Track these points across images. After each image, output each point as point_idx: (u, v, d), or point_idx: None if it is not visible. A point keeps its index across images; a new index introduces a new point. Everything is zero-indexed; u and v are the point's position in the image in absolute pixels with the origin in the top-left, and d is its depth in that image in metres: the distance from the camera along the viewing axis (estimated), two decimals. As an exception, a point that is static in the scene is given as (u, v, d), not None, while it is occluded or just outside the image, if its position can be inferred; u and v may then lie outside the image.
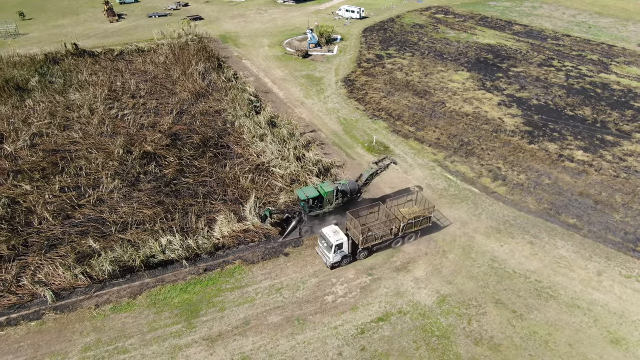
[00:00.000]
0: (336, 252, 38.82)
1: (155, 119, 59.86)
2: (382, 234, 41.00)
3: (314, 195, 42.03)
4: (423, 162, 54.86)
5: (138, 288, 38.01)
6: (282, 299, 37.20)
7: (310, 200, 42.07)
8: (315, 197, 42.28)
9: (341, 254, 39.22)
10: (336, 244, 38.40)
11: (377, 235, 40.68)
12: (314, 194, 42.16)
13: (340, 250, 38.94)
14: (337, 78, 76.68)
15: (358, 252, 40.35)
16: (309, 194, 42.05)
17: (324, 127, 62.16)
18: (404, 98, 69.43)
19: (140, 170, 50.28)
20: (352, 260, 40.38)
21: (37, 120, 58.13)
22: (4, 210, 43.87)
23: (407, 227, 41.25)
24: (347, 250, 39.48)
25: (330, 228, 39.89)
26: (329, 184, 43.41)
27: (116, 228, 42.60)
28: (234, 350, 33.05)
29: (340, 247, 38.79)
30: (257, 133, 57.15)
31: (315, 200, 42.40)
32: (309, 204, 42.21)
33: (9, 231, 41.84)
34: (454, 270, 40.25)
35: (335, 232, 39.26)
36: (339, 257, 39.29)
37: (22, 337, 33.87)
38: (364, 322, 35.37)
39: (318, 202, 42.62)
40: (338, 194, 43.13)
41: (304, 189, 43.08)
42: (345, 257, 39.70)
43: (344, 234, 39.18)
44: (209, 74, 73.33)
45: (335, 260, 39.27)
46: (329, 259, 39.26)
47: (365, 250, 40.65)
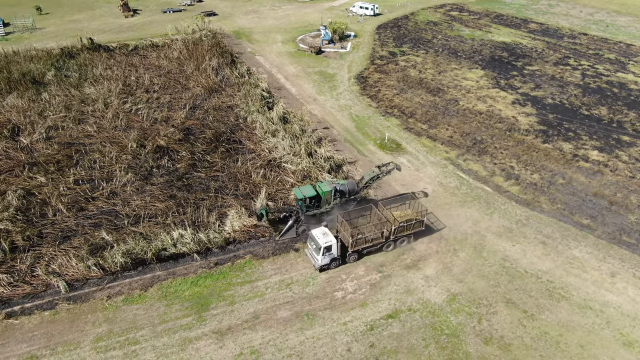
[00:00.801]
0: (325, 255, 37.92)
1: (169, 114, 60.33)
2: (373, 237, 39.88)
3: (311, 195, 41.64)
4: (435, 160, 54.62)
5: (149, 280, 38.43)
6: (291, 294, 37.35)
7: (307, 200, 41.63)
8: (313, 197, 41.86)
9: (330, 256, 38.30)
10: (325, 246, 37.54)
11: (368, 238, 39.58)
12: (311, 193, 41.78)
13: (329, 253, 38.05)
14: (350, 75, 76.55)
15: (347, 255, 39.45)
16: (307, 193, 41.67)
17: (336, 123, 62.14)
18: (417, 95, 69.12)
19: (153, 164, 50.75)
20: (341, 264, 39.48)
21: (52, 114, 58.92)
22: (19, 201, 44.57)
23: (399, 230, 40.27)
24: (337, 253, 38.52)
25: (319, 230, 39.15)
26: (327, 184, 43.01)
27: (129, 221, 43.08)
28: (243, 344, 33.28)
29: (329, 250, 37.89)
30: (269, 129, 57.34)
31: (312, 199, 42.01)
32: (306, 204, 41.78)
33: (24, 222, 42.52)
34: (465, 269, 40.07)
35: (325, 234, 38.46)
36: (327, 260, 38.38)
37: (35, 326, 34.46)
38: (373, 319, 35.39)
39: (316, 201, 42.23)
40: (336, 194, 42.70)
41: (301, 188, 42.74)
42: (334, 260, 38.73)
43: (333, 237, 38.32)
44: (222, 69, 73.67)
45: (324, 263, 38.40)
46: (317, 261, 38.45)
47: (355, 254, 39.70)
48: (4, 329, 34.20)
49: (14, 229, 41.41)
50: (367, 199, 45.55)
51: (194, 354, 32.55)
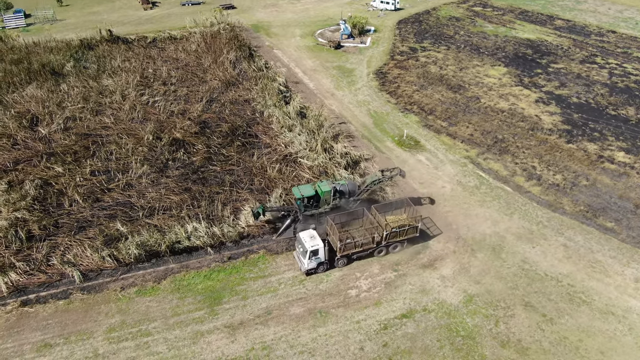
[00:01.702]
0: (311, 259, 37.41)
1: (185, 107, 60.79)
2: (364, 242, 39.08)
3: (309, 194, 41.32)
4: (455, 159, 54.10)
5: (163, 273, 38.84)
6: (305, 291, 37.40)
7: (305, 199, 41.31)
8: (311, 196, 41.52)
9: (317, 260, 37.72)
10: (311, 250, 37.02)
11: (358, 242, 38.86)
12: (310, 192, 41.47)
13: (316, 257, 37.50)
14: (369, 70, 76.19)
15: (336, 259, 38.85)
16: (305, 193, 41.35)
17: (354, 119, 61.93)
18: (437, 92, 68.50)
19: (169, 156, 51.21)
20: (329, 268, 38.85)
21: (71, 105, 59.83)
22: (37, 191, 45.40)
23: (391, 236, 39.43)
24: (324, 257, 37.92)
25: (307, 232, 38.66)
26: (327, 183, 42.67)
27: (143, 213, 43.58)
28: (255, 339, 33.44)
29: (316, 254, 37.33)
30: (286, 123, 57.39)
31: (311, 199, 41.68)
32: (304, 203, 41.48)
33: (41, 212, 43.30)
34: (483, 270, 39.65)
35: (312, 237, 37.89)
36: (314, 264, 37.83)
37: (50, 315, 35.11)
38: (387, 318, 35.26)
39: (314, 201, 41.92)
40: (336, 194, 42.29)
41: (300, 187, 42.44)
42: (321, 264, 38.21)
43: (320, 240, 37.70)
44: (240, 63, 73.96)
45: (311, 266, 37.82)
46: (303, 264, 37.93)
47: (343, 258, 39.03)
48: (20, 316, 34.94)
49: (30, 218, 42.21)
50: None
51: (205, 348, 32.82)
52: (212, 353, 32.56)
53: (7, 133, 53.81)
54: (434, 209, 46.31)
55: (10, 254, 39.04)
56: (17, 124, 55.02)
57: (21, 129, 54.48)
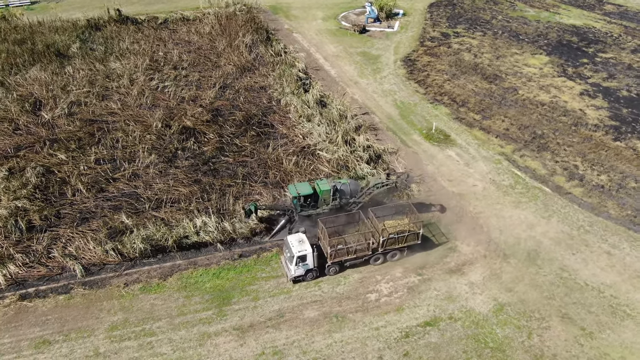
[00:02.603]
0: (298, 265, 37.05)
1: (197, 93, 61.37)
2: (357, 248, 38.52)
3: (306, 193, 41.07)
4: (488, 155, 53.68)
5: (169, 269, 39.44)
6: (320, 293, 37.61)
7: (302, 198, 41.10)
8: (308, 195, 41.29)
9: (304, 267, 37.35)
10: (298, 255, 36.66)
11: (351, 249, 38.58)
12: (307, 191, 41.22)
13: (304, 263, 37.12)
14: (397, 57, 75.90)
15: (327, 266, 38.49)
16: (302, 191, 41.08)
17: (378, 110, 61.84)
18: (470, 82, 67.96)
19: (178, 145, 51.84)
20: (318, 276, 38.52)
21: (76, 89, 60.91)
22: (38, 179, 46.42)
23: (388, 242, 38.90)
24: (313, 263, 37.50)
25: (295, 236, 38.35)
26: (327, 182, 42.37)
27: (150, 205, 44.25)
28: (265, 343, 33.77)
29: (304, 260, 36.94)
30: (304, 113, 57.58)
31: (308, 198, 41.45)
32: (300, 202, 41.27)
33: (42, 201, 44.30)
34: (516, 277, 39.33)
35: (300, 242, 37.49)
36: (302, 271, 37.46)
37: (49, 310, 35.99)
38: (409, 326, 35.26)
39: (312, 201, 41.73)
40: (336, 193, 41.96)
41: (297, 184, 42.26)
42: (309, 271, 37.84)
43: (309, 245, 37.30)
44: (257, 47, 74.33)
45: (298, 274, 37.46)
46: (290, 271, 37.66)
47: (335, 266, 38.61)
48: (18, 310, 35.90)
49: (31, 207, 43.20)
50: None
51: (213, 351, 33.28)
52: (219, 356, 32.99)
53: (9, 117, 55.05)
54: (463, 209, 46.07)
55: (9, 245, 40.00)
56: (19, 107, 56.24)
57: (23, 113, 55.66)
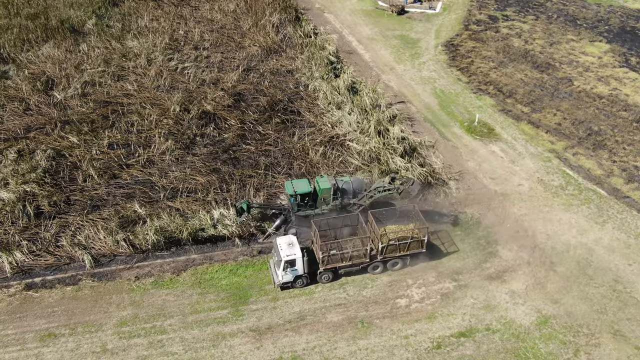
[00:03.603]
0: (286, 270, 36.76)
1: (219, 75, 61.95)
2: (353, 255, 38.13)
3: (304, 191, 40.87)
4: (536, 152, 52.94)
5: (183, 264, 40.11)
6: (345, 296, 37.74)
7: (299, 197, 40.91)
8: (306, 194, 41.09)
9: (293, 272, 37.03)
10: (286, 260, 36.39)
11: (346, 255, 38.09)
12: (305, 189, 41.01)
13: (292, 269, 36.81)
14: (438, 41, 75.31)
15: (318, 273, 38.15)
16: (299, 189, 40.88)
17: (416, 99, 61.51)
18: (519, 71, 67.04)
19: (197, 131, 52.49)
20: (309, 283, 38.22)
21: (90, 68, 62.16)
22: (48, 163, 47.64)
23: (388, 249, 38.28)
24: (303, 269, 37.16)
25: (285, 238, 38.11)
26: (328, 179, 41.96)
27: (165, 194, 44.99)
28: (284, 348, 34.08)
29: (293, 265, 36.63)
30: (334, 100, 57.63)
31: (306, 197, 41.26)
32: (297, 201, 41.07)
33: (52, 186, 45.46)
34: (563, 288, 38.85)
35: (290, 245, 37.18)
36: (290, 277, 37.21)
37: (56, 301, 37.00)
38: (441, 336, 35.13)
39: (310, 200, 41.53)
40: (337, 192, 41.66)
41: (294, 181, 42.08)
42: (299, 277, 37.55)
43: (299, 248, 37.00)
44: (285, 27, 74.60)
45: (286, 280, 37.23)
46: (277, 276, 37.43)
47: (329, 273, 38.27)
48: (23, 300, 37.02)
49: (40, 192, 44.37)
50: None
51: (227, 352, 33.75)
52: (233, 359, 33.46)
53: (20, 96, 56.55)
54: (506, 210, 45.66)
55: (16, 231, 41.20)
56: (30, 86, 57.70)
57: (35, 92, 57.07)
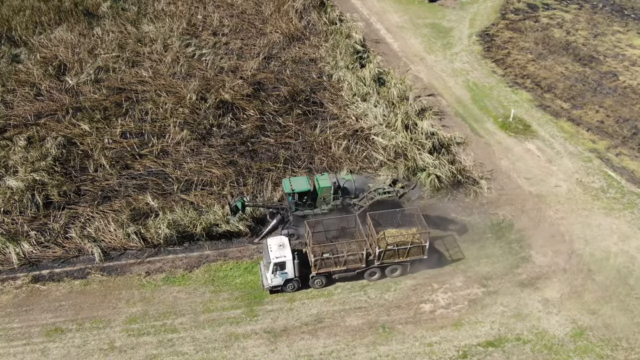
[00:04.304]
0: (276, 273, 36.70)
1: (238, 63, 62.32)
2: (348, 259, 37.78)
3: (302, 190, 40.63)
4: (576, 151, 52.31)
5: (196, 260, 40.54)
6: (366, 299, 37.81)
7: (296, 196, 40.71)
8: (305, 192, 40.86)
9: (283, 276, 36.98)
10: (275, 262, 36.34)
11: (340, 259, 37.67)
12: (303, 187, 40.76)
13: (282, 272, 36.77)
14: (472, 31, 74.74)
15: (310, 277, 37.99)
16: (297, 187, 40.62)
17: (446, 91, 61.19)
18: (560, 64, 66.22)
19: (214, 121, 52.92)
20: (300, 287, 38.05)
21: (104, 53, 63.04)
22: (58, 151, 48.48)
23: (386, 255, 37.82)
24: (293, 273, 37.07)
25: (276, 239, 38.04)
26: (328, 178, 41.71)
27: (179, 187, 45.50)
28: (299, 351, 34.28)
29: (282, 268, 36.59)
30: (359, 91, 57.59)
31: (304, 196, 41.05)
32: (295, 200, 40.90)
33: (62, 175, 46.27)
34: (601, 297, 38.39)
35: (281, 247, 37.09)
36: (280, 280, 37.15)
37: (64, 295, 37.72)
38: (468, 344, 35.00)
39: (309, 199, 41.32)
40: (338, 192, 41.38)
41: (292, 179, 41.86)
42: (289, 281, 37.45)
43: (290, 251, 36.86)
44: (309, 13, 74.71)
45: (275, 283, 37.18)
46: (266, 279, 37.41)
47: (321, 277, 38.04)
48: (30, 293, 37.82)
49: (50, 181, 45.21)
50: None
51: (240, 354, 34.07)
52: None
53: (31, 81, 57.62)
54: (542, 213, 45.24)
55: (24, 221, 42.07)
56: (42, 71, 58.75)
57: (46, 77, 58.11)
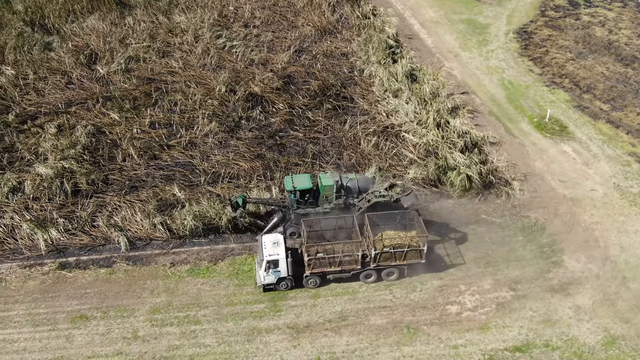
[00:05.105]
0: (269, 271, 36.80)
1: (268, 56, 62.91)
2: (343, 260, 37.67)
3: (304, 187, 40.50)
4: (614, 154, 51.58)
5: (221, 253, 41.14)
6: (391, 298, 37.93)
7: (298, 193, 40.63)
8: (306, 190, 40.77)
9: (276, 274, 37.10)
10: (268, 260, 36.52)
11: (335, 259, 37.55)
12: (305, 185, 40.61)
13: (275, 270, 36.86)
14: (509, 28, 74.11)
15: (304, 277, 38.00)
16: (298, 185, 40.50)
17: (481, 90, 60.84)
18: (600, 64, 65.26)
19: (243, 114, 53.53)
20: (293, 286, 38.10)
21: (135, 42, 64.19)
22: (88, 139, 49.61)
23: (383, 257, 37.52)
24: (286, 271, 37.27)
25: (272, 237, 38.05)
26: (331, 176, 41.52)
27: (206, 179, 46.19)
28: (322, 348, 34.56)
29: (275, 266, 36.68)
30: (390, 87, 57.61)
31: (306, 194, 40.95)
32: (296, 198, 40.86)
33: (90, 163, 47.35)
34: (636, 306, 37.82)
35: (275, 244, 37.12)
36: (272, 278, 37.31)
37: (89, 283, 38.67)
38: (494, 348, 34.85)
39: (311, 197, 41.25)
40: (340, 191, 41.20)
41: (295, 176, 41.80)
42: (282, 279, 37.53)
43: (284, 249, 37.06)
44: (341, 6, 74.94)
45: (268, 281, 37.43)
46: (259, 277, 37.60)
47: (316, 277, 38.07)
48: (56, 280, 38.86)
49: (78, 169, 46.31)
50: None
51: (262, 349, 34.50)
52: (268, 356, 34.15)
53: (62, 69, 59.01)
54: (576, 217, 44.72)
55: (53, 208, 43.19)
56: (73, 59, 60.08)
57: (77, 65, 59.43)
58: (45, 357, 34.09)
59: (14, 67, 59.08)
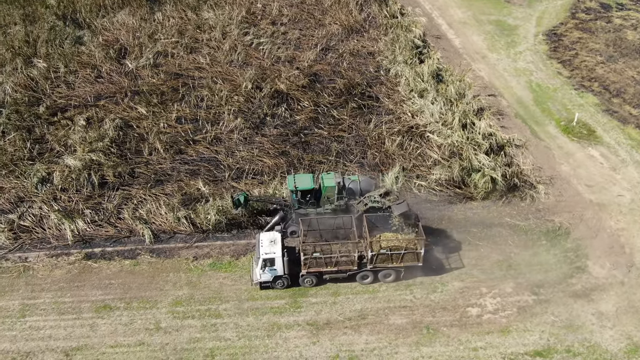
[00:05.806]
0: (265, 269, 36.90)
1: (295, 53, 63.22)
2: (339, 261, 37.57)
3: (305, 187, 40.45)
4: (643, 160, 51.04)
5: (243, 248, 41.59)
6: (411, 298, 37.98)
7: (299, 193, 40.58)
8: (308, 190, 40.69)
9: (272, 272, 37.40)
10: (264, 258, 36.68)
11: (331, 259, 37.51)
12: (307, 185, 40.56)
13: (271, 268, 36.94)
14: (539, 30, 73.35)
15: (301, 276, 38.01)
16: (300, 185, 40.44)
17: (507, 91, 60.39)
18: (631, 68, 64.30)
19: (268, 111, 53.92)
20: (289, 285, 38.18)
21: (164, 38, 64.98)
22: (116, 132, 50.44)
23: (379, 259, 37.59)
24: (282, 270, 37.38)
25: (269, 235, 38.15)
26: (334, 177, 41.32)
27: (230, 174, 46.67)
28: (341, 345, 34.79)
29: (272, 264, 36.76)
30: (416, 87, 57.49)
31: (307, 194, 40.89)
32: (298, 198, 40.83)
33: (117, 156, 48.16)
34: (660, 314, 37.40)
35: (272, 243, 37.23)
36: (269, 276, 37.58)
37: (114, 274, 39.40)
38: (514, 352, 34.73)
39: (313, 197, 41.20)
40: (342, 192, 41.05)
41: (297, 176, 41.79)
42: (278, 278, 37.60)
43: (280, 247, 37.18)
44: (369, 5, 74.95)
45: (264, 279, 37.63)
46: (255, 275, 37.91)
47: (312, 276, 38.17)
48: (82, 270, 39.70)
49: (106, 162, 47.16)
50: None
51: (281, 344, 34.82)
52: (288, 352, 34.47)
53: (92, 63, 60.04)
54: (602, 222, 44.21)
55: (80, 199, 44.08)
56: (103, 53, 61.08)
57: (107, 60, 60.41)
58: (70, 345, 34.90)
59: (46, 60, 60.33)
